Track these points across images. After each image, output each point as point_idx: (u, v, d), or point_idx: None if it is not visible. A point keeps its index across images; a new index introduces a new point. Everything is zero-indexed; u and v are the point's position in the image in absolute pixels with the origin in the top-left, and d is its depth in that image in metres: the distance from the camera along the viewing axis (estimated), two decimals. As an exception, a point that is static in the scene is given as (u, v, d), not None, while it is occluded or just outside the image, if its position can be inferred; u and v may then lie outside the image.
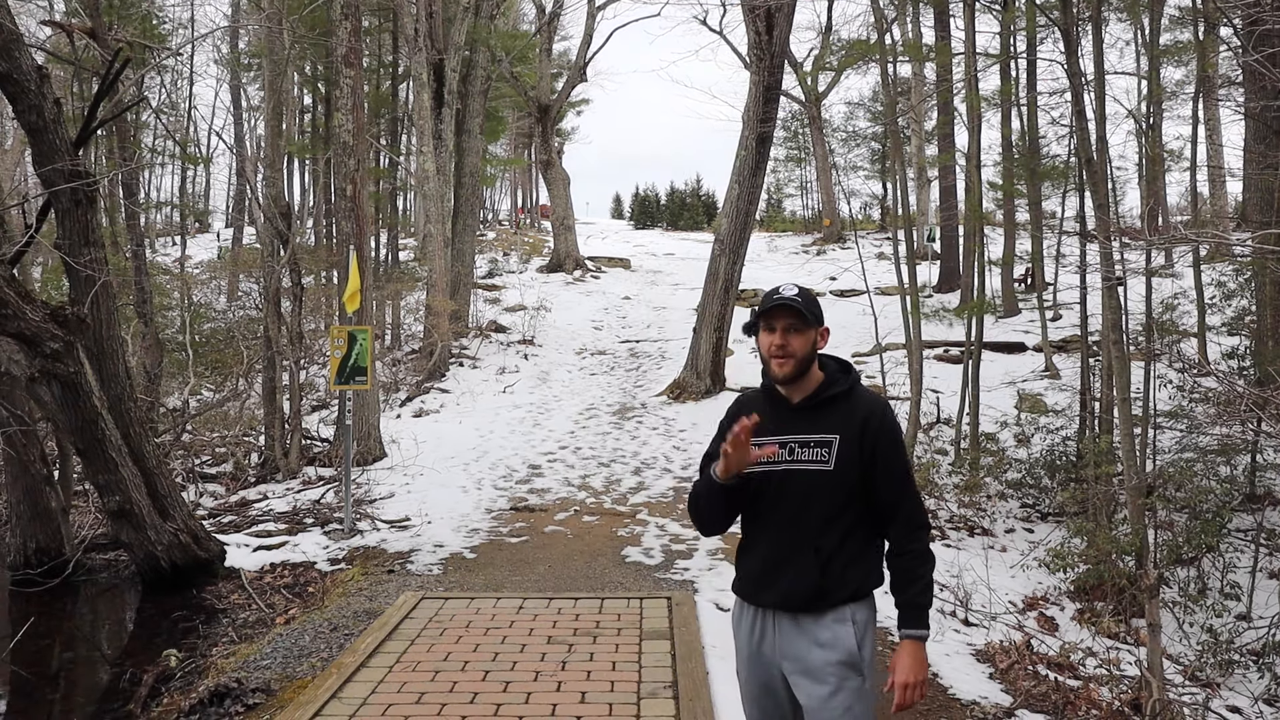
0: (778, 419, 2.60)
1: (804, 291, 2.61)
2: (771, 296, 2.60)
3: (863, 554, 2.58)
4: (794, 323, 2.55)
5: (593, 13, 27.05)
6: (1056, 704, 4.76)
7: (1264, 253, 7.37)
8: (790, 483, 2.56)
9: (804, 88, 31.21)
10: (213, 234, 37.63)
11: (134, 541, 7.11)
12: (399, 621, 5.72)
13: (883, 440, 2.55)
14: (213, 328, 17.74)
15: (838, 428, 2.55)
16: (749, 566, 2.68)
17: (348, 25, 11.79)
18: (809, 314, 2.55)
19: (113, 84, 7.90)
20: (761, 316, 2.59)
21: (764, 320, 2.59)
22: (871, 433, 2.54)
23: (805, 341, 2.56)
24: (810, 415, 2.59)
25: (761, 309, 2.60)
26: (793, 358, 2.55)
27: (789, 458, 2.56)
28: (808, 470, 2.55)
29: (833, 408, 2.59)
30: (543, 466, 11.16)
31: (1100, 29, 9.33)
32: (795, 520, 2.56)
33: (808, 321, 2.55)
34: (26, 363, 6.55)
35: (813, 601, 2.54)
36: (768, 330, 2.58)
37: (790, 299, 2.55)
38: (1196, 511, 7.72)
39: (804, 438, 2.56)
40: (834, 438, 2.54)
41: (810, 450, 2.55)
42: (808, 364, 2.59)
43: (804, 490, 2.54)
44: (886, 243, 29.44)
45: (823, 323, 2.60)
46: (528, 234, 39.35)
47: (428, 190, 17.85)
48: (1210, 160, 21.65)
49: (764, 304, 2.61)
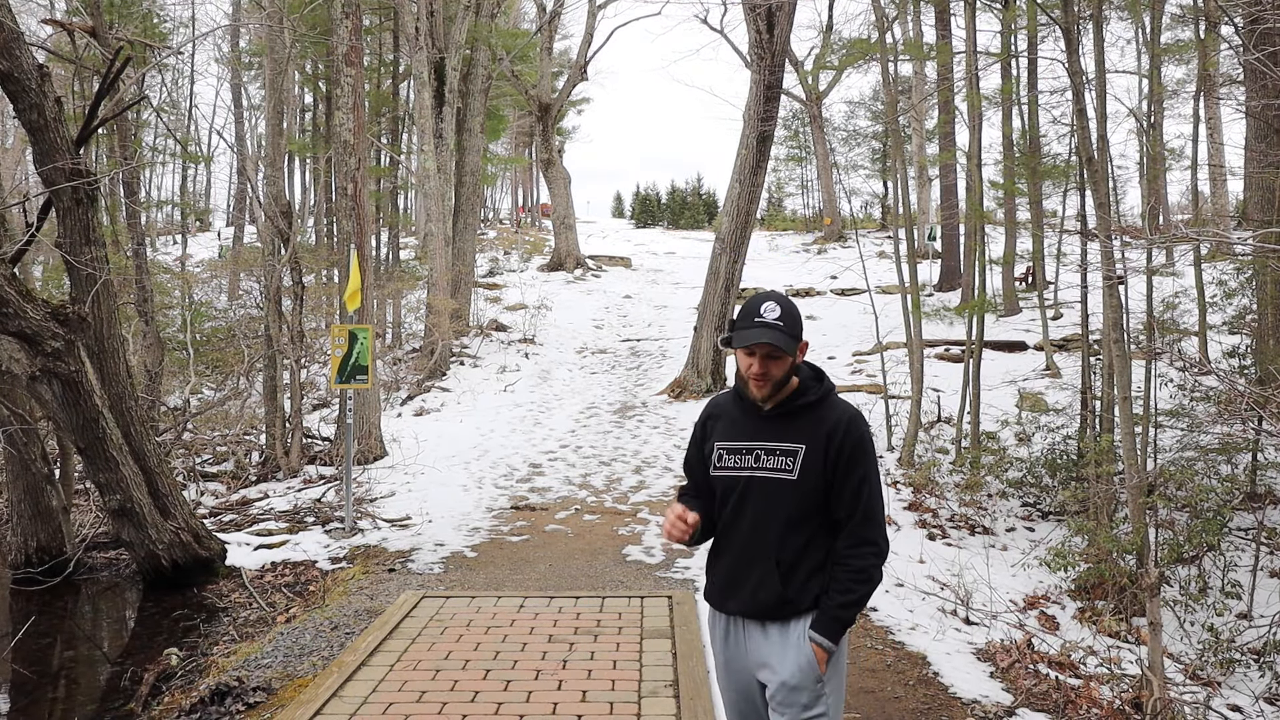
0: (747, 425, 2.58)
1: (786, 311, 2.49)
2: (752, 318, 2.48)
3: (826, 563, 2.53)
4: (773, 350, 2.47)
5: (593, 11, 27.05)
6: (1057, 703, 4.76)
7: (1265, 251, 7.36)
8: (754, 491, 2.53)
9: (805, 86, 31.19)
10: (214, 233, 37.67)
11: (135, 540, 7.11)
12: (400, 620, 5.73)
13: (846, 450, 2.49)
14: (214, 326, 17.74)
15: (805, 437, 2.50)
16: (716, 574, 2.67)
17: (348, 24, 11.79)
18: (790, 338, 2.46)
19: (113, 82, 7.90)
20: (740, 341, 2.50)
21: (744, 346, 2.51)
22: (837, 443, 2.48)
23: (784, 365, 2.51)
24: (779, 423, 2.55)
25: (741, 331, 2.49)
26: (771, 381, 2.50)
27: (754, 464, 2.53)
28: (771, 479, 2.51)
29: (802, 417, 2.54)
30: (544, 465, 11.16)
31: (1101, 28, 9.31)
32: (758, 528, 2.53)
33: (788, 349, 2.47)
34: (27, 361, 6.55)
35: (777, 610, 2.52)
36: (746, 354, 2.52)
37: (771, 324, 2.46)
38: (1197, 510, 7.72)
39: (770, 445, 2.53)
40: (800, 447, 2.49)
41: (775, 459, 2.51)
42: (785, 384, 2.54)
43: (767, 499, 2.51)
44: (887, 241, 29.43)
45: (802, 339, 2.52)
46: (528, 233, 39.35)
47: (428, 189, 17.85)
48: (1211, 159, 21.63)
49: (742, 324, 2.50)
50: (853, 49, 22.46)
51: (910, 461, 10.66)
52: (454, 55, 18.57)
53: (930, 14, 21.65)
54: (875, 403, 12.88)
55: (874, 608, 6.19)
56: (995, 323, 18.24)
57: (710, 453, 2.63)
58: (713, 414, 2.71)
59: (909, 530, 8.67)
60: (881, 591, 6.70)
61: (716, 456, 2.60)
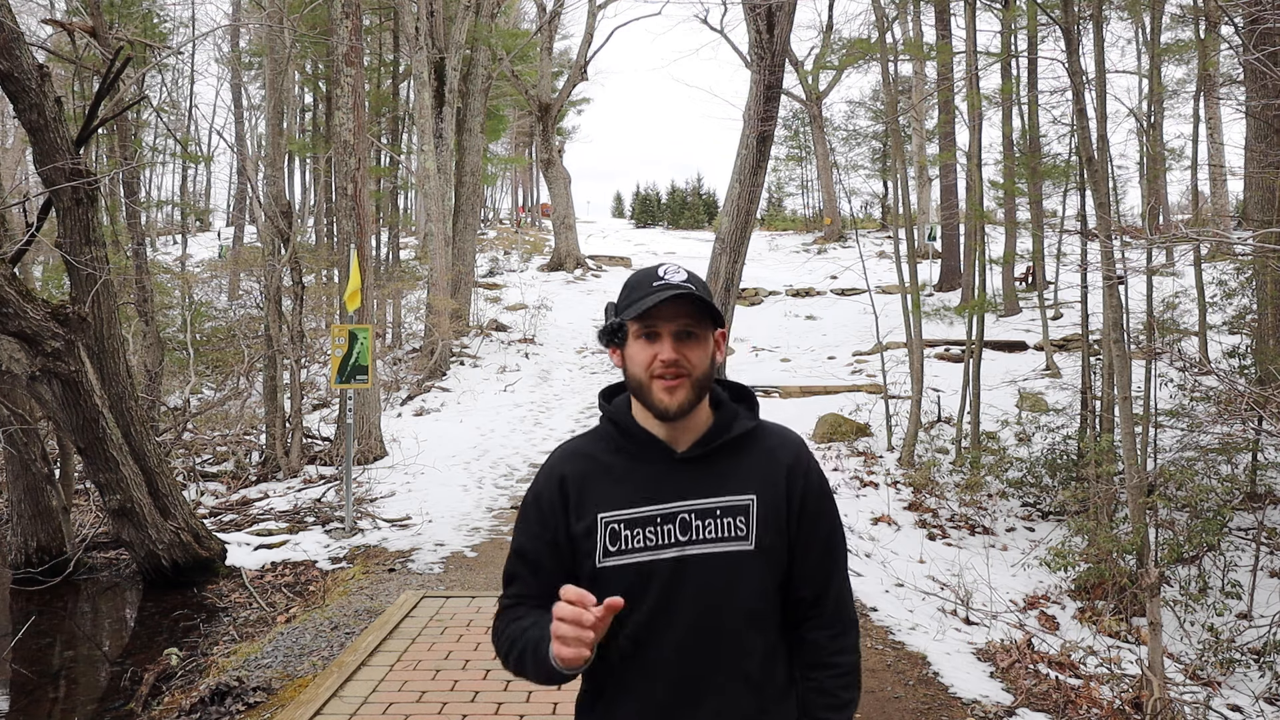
0: (652, 478, 1.70)
1: (694, 276, 1.73)
2: (650, 284, 1.67)
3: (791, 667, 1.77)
4: (690, 325, 1.67)
5: (593, 11, 27.03)
6: (1057, 703, 4.76)
7: (1265, 251, 7.36)
8: (689, 578, 1.66)
9: (805, 86, 31.18)
10: (214, 233, 37.66)
11: (135, 540, 7.11)
12: (400, 620, 5.73)
13: (812, 497, 1.74)
14: (214, 326, 17.76)
15: (752, 483, 1.70)
16: None
17: (348, 24, 11.79)
18: (710, 309, 1.68)
19: (113, 82, 7.90)
20: (640, 317, 1.66)
21: (643, 322, 1.67)
22: (800, 487, 1.72)
23: (704, 352, 1.69)
24: (707, 468, 1.71)
25: (636, 303, 1.67)
26: (688, 377, 1.66)
27: (682, 537, 1.66)
28: (716, 554, 1.66)
29: (739, 454, 1.73)
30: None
31: (1101, 27, 9.32)
32: (706, 637, 1.66)
33: (707, 321, 1.69)
34: (28, 361, 6.55)
35: None
36: (647, 338, 1.68)
37: (682, 286, 1.66)
38: (1197, 510, 7.72)
39: (705, 503, 1.68)
40: (749, 499, 1.69)
41: (718, 522, 1.67)
42: (707, 387, 1.72)
43: (714, 586, 1.66)
44: (887, 241, 29.44)
45: (723, 323, 1.72)
46: (528, 233, 39.36)
47: (429, 189, 17.85)
48: (1211, 159, 21.64)
49: (637, 293, 1.68)
50: (853, 49, 22.45)
51: (910, 461, 10.67)
52: (454, 55, 18.57)
53: (930, 14, 21.67)
54: (875, 403, 12.88)
55: (874, 608, 6.19)
56: (995, 323, 18.25)
57: (589, 532, 1.69)
58: (574, 472, 1.75)
59: (909, 530, 8.67)
60: (881, 591, 6.70)
61: (606, 537, 1.68)
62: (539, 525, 1.78)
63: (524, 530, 1.81)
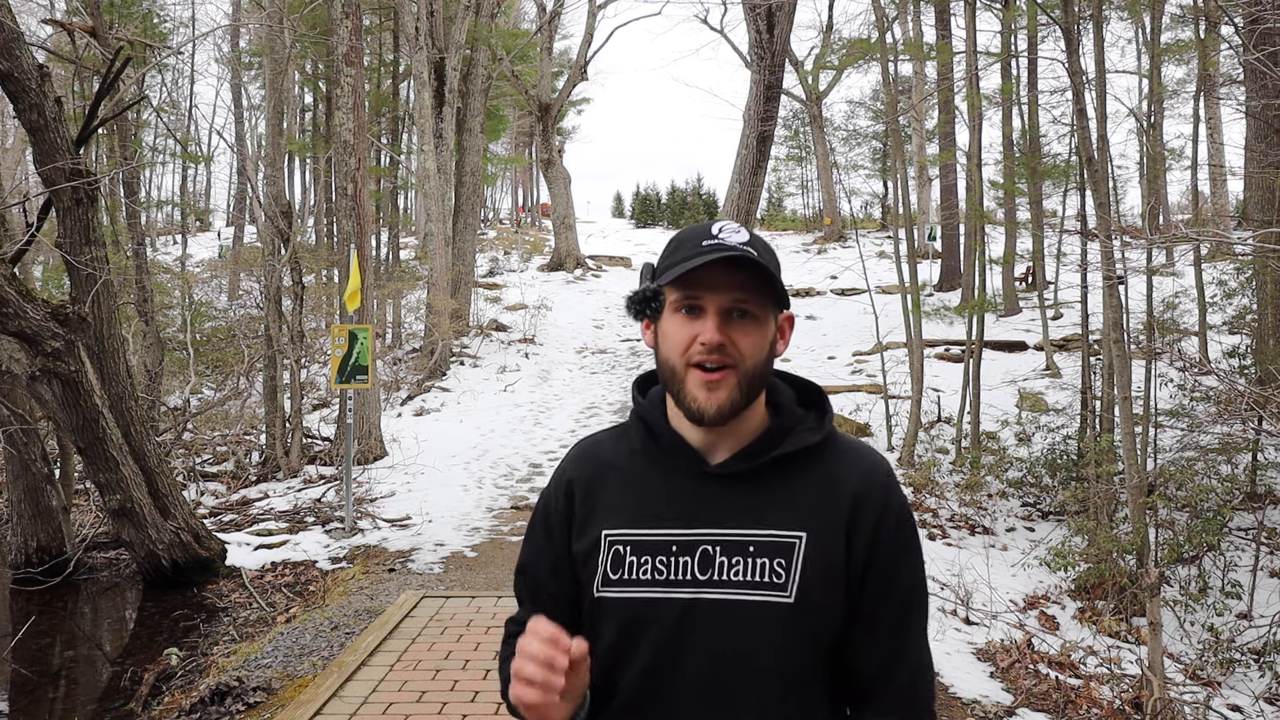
0: (676, 492, 1.34)
1: (757, 240, 1.33)
2: (699, 240, 1.30)
3: None
4: (745, 300, 1.29)
5: (593, 11, 27.04)
6: (1057, 703, 4.76)
7: (1265, 251, 7.36)
8: (702, 627, 1.28)
9: (805, 86, 31.18)
10: (214, 233, 37.66)
11: (135, 540, 7.11)
12: (400, 620, 5.73)
13: (886, 543, 1.31)
14: (214, 326, 17.76)
15: (804, 516, 1.30)
16: None
17: (348, 24, 11.79)
18: (776, 285, 1.30)
19: (114, 82, 7.90)
20: (680, 282, 1.29)
21: (684, 290, 1.30)
22: (869, 528, 1.30)
23: (760, 340, 1.31)
24: (746, 490, 1.32)
25: (679, 264, 1.29)
26: (734, 369, 1.29)
27: (700, 575, 1.29)
28: (742, 602, 1.28)
29: (792, 475, 1.33)
30: (544, 465, 11.16)
31: (1101, 28, 9.32)
32: (718, 701, 1.28)
33: (768, 298, 1.31)
34: (27, 361, 6.55)
35: None
36: (688, 312, 1.31)
37: (740, 248, 1.27)
38: (1197, 510, 7.72)
39: (734, 535, 1.30)
40: (797, 537, 1.29)
41: (747, 562, 1.28)
42: (759, 387, 1.34)
43: (732, 643, 1.28)
44: (887, 241, 29.43)
45: (788, 305, 1.34)
46: (529, 233, 39.38)
47: (429, 189, 17.86)
48: (1211, 159, 21.64)
49: (681, 251, 1.31)
50: (853, 49, 22.45)
51: (910, 461, 10.67)
52: (454, 55, 18.57)
53: (930, 14, 21.67)
54: (875, 403, 12.88)
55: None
56: (995, 322, 18.24)
57: (590, 552, 1.36)
58: (583, 476, 1.41)
59: (909, 530, 8.66)
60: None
61: (609, 559, 1.33)
62: (544, 538, 1.43)
63: (529, 542, 1.47)
